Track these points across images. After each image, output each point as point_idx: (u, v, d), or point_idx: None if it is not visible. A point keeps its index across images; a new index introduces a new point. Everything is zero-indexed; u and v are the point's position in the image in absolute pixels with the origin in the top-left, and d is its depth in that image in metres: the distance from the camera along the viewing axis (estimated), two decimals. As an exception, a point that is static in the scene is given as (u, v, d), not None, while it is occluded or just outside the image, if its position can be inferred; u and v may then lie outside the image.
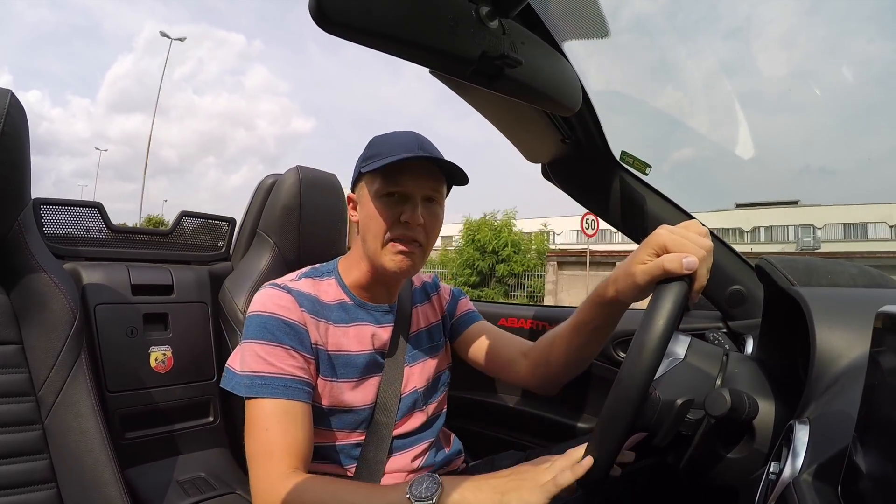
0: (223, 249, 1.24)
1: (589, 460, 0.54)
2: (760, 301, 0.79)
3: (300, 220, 1.09)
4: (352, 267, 0.80)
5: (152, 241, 1.16)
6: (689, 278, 0.53)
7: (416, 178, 0.72)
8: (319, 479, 0.64)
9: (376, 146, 0.75)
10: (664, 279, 0.54)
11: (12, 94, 0.73)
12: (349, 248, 0.86)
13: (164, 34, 22.75)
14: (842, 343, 0.53)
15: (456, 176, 0.75)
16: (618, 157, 1.02)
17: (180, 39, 24.41)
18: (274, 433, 0.65)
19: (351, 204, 0.80)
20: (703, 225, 0.59)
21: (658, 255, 0.56)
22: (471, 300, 0.99)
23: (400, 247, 0.72)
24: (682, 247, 0.54)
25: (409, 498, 0.57)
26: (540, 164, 1.10)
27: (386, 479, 0.76)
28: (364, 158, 0.75)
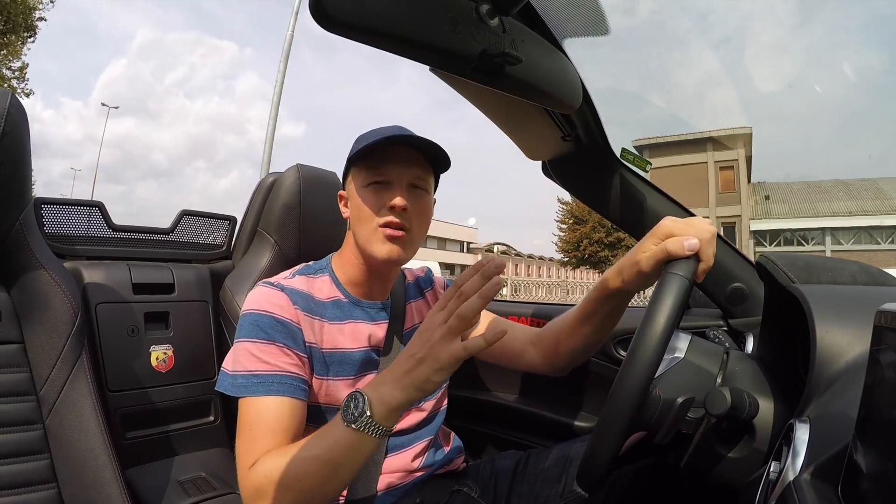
0: (224, 248, 1.24)
1: (504, 329, 0.54)
2: (761, 299, 0.79)
3: (300, 218, 1.09)
4: (344, 263, 0.80)
5: (153, 240, 1.16)
6: (695, 259, 0.57)
7: (398, 165, 0.73)
8: (281, 451, 0.61)
9: (361, 140, 0.77)
10: (669, 261, 0.58)
11: (13, 95, 0.73)
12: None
13: (104, 104, 26.66)
14: (842, 341, 0.53)
15: (440, 162, 0.76)
16: (618, 154, 1.02)
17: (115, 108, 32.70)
18: (266, 431, 0.64)
19: (342, 201, 0.82)
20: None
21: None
22: None
23: (389, 232, 0.72)
24: (684, 231, 0.58)
25: (349, 426, 0.55)
26: (540, 162, 1.10)
27: (385, 479, 0.76)
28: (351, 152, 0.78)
